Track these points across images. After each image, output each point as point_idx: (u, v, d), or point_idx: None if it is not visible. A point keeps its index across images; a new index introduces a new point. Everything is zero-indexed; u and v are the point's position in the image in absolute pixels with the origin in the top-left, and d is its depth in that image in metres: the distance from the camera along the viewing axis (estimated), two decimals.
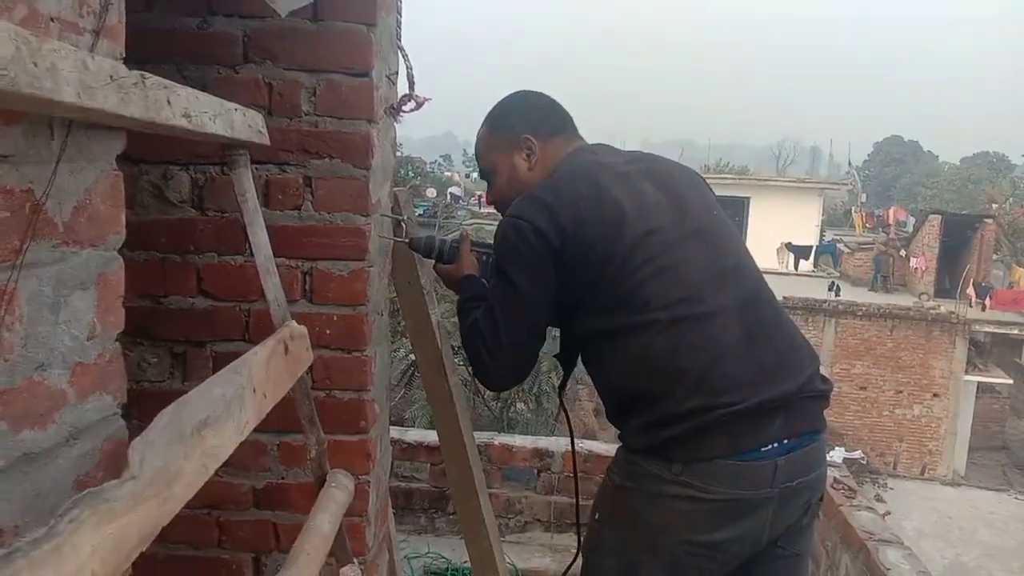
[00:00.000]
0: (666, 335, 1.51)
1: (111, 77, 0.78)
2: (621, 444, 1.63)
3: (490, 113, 1.86)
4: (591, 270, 1.57)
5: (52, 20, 0.78)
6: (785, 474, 1.51)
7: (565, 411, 2.18)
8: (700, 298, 1.54)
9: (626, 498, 1.58)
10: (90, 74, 0.74)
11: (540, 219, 1.58)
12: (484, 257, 1.93)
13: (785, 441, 1.51)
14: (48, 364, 0.81)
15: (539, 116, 1.81)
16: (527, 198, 1.65)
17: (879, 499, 11.76)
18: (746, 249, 1.72)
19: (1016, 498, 14.25)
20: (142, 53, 1.75)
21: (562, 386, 2.06)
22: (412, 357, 9.31)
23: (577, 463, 3.69)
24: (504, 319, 1.64)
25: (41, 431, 0.80)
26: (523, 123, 1.79)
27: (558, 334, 1.79)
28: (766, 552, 1.60)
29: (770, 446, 1.50)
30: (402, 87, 1.96)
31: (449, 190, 31.36)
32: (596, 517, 1.65)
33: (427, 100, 1.92)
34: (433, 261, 2.00)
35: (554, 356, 1.87)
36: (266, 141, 1.37)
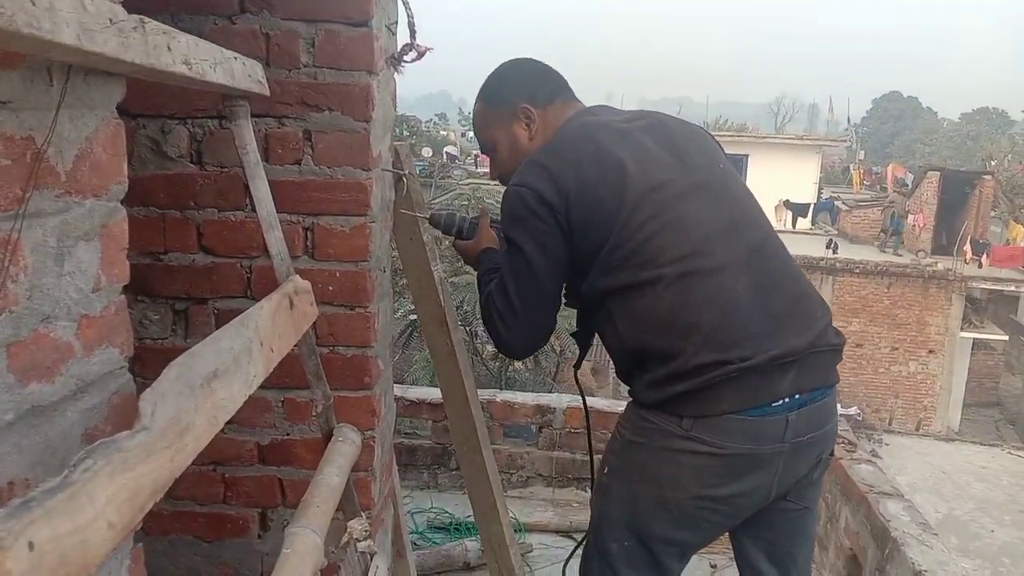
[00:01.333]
0: (674, 289, 1.50)
1: (110, 20, 0.75)
2: (631, 400, 1.63)
3: (483, 87, 1.83)
4: (597, 230, 1.55)
5: None
6: (796, 429, 1.51)
7: (580, 389, 2.15)
8: (707, 251, 1.52)
9: (635, 452, 1.59)
10: (89, 16, 0.71)
11: (542, 184, 1.57)
12: (502, 233, 1.91)
13: (797, 396, 1.51)
14: (54, 316, 0.80)
15: (534, 83, 1.78)
16: (528, 165, 1.64)
17: (875, 455, 11.88)
18: (754, 200, 1.70)
19: (1009, 453, 14.40)
20: (136, 2, 1.71)
21: (578, 363, 2.03)
22: (411, 317, 9.33)
23: (579, 420, 3.72)
24: (515, 286, 1.63)
25: (48, 384, 0.79)
26: (518, 92, 1.76)
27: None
28: (774, 504, 1.61)
29: (781, 401, 1.49)
30: (402, 37, 1.93)
31: (445, 149, 31.14)
32: (605, 471, 1.66)
33: (429, 49, 1.88)
34: (452, 238, 2.00)
35: (571, 335, 1.86)
36: (266, 91, 1.35)
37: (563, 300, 1.75)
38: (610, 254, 1.55)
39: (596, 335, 1.76)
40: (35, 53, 0.71)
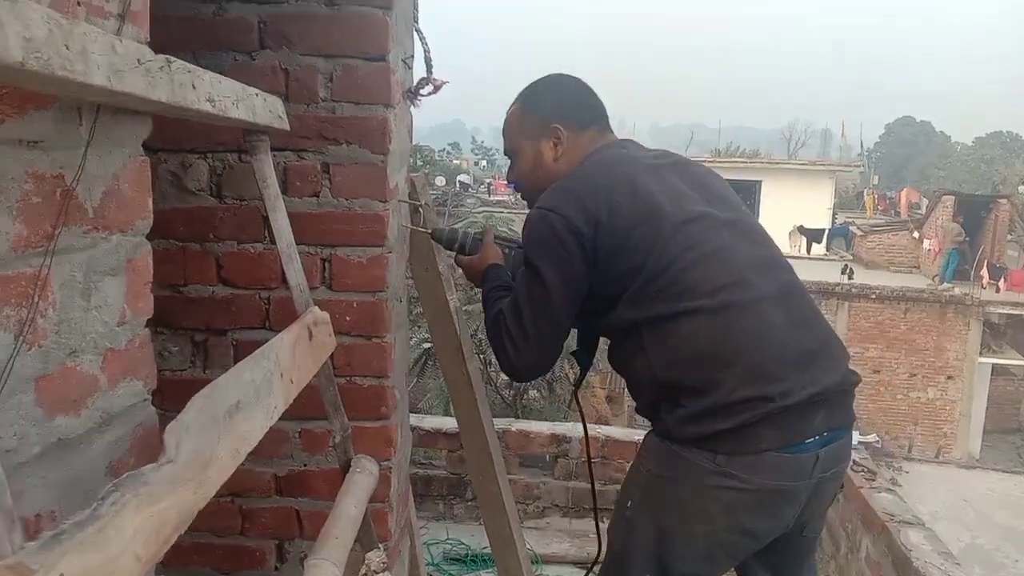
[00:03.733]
0: (712, 321, 1.50)
1: (139, 60, 0.78)
2: (654, 432, 1.62)
3: (523, 93, 1.82)
4: (629, 260, 1.55)
5: (79, 4, 0.78)
6: (823, 465, 1.53)
7: (580, 407, 2.16)
8: (744, 284, 1.53)
9: (664, 487, 1.57)
10: (119, 57, 0.73)
11: (572, 211, 1.57)
12: (506, 250, 1.91)
13: (825, 433, 1.52)
14: (80, 350, 0.81)
15: (572, 106, 1.78)
16: (559, 190, 1.63)
17: (894, 483, 11.72)
18: (775, 243, 1.73)
19: None
20: (159, 40, 1.75)
21: (578, 383, 2.03)
22: (425, 345, 9.32)
23: (594, 449, 3.70)
24: (530, 311, 1.62)
25: (75, 417, 0.81)
26: (555, 111, 1.76)
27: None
28: (786, 533, 1.62)
29: (812, 438, 1.51)
30: (419, 71, 1.95)
31: (458, 178, 31.35)
32: (628, 504, 1.64)
33: (445, 83, 1.91)
34: (454, 253, 1.99)
35: (571, 353, 1.86)
36: (286, 127, 1.37)
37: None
38: (646, 284, 1.54)
39: (609, 363, 1.75)
40: (68, 94, 0.73)
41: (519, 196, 1.90)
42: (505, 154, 1.88)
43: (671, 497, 1.56)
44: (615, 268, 1.57)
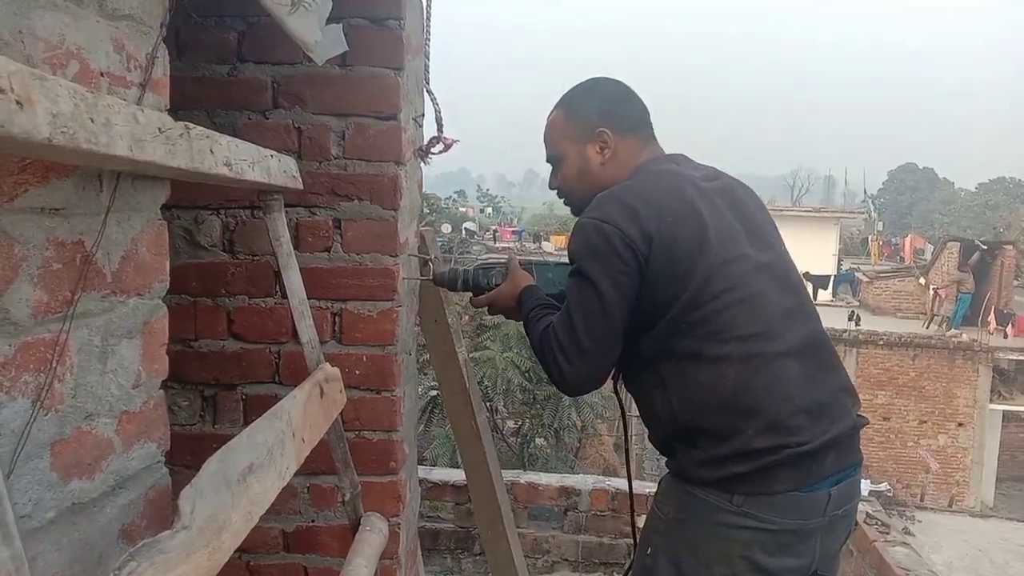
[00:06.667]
0: (737, 369, 1.50)
1: (159, 129, 0.79)
2: (670, 474, 1.61)
3: (565, 97, 1.77)
4: (669, 287, 1.52)
5: (102, 75, 0.80)
6: (835, 503, 1.53)
7: (621, 403, 2.01)
8: (773, 334, 1.53)
9: (682, 530, 1.56)
10: (140, 127, 0.75)
11: (628, 226, 1.52)
12: (532, 269, 1.87)
13: (836, 472, 1.54)
14: (96, 413, 0.82)
15: (618, 109, 1.73)
16: (613, 200, 1.58)
17: (907, 532, 11.52)
18: (805, 288, 1.72)
19: None
20: (174, 100, 1.78)
21: (616, 377, 1.89)
22: (432, 394, 9.29)
23: (604, 502, 3.66)
24: (584, 323, 1.56)
25: (89, 480, 0.80)
26: (601, 115, 1.70)
27: None
28: None
29: (825, 479, 1.52)
30: (429, 129, 1.99)
31: (464, 225, 31.60)
32: (648, 551, 1.61)
33: (455, 142, 1.93)
34: (465, 293, 1.94)
35: None
36: (299, 186, 1.39)
37: None
38: (678, 317, 1.51)
39: (624, 384, 1.70)
40: (90, 164, 0.74)
41: (562, 202, 1.82)
42: (547, 161, 1.81)
43: (690, 539, 1.55)
44: (655, 293, 1.53)
